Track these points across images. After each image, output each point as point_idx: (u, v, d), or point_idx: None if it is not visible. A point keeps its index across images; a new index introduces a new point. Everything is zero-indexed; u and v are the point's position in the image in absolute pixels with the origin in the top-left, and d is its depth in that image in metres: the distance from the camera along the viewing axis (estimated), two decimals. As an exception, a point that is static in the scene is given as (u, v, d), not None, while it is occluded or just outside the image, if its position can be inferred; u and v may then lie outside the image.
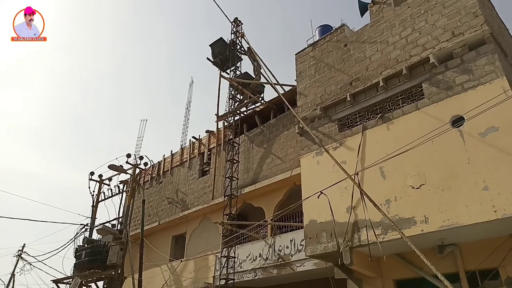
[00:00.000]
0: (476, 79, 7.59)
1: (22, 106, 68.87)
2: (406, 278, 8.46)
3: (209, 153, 17.43)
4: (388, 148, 8.09)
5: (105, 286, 14.44)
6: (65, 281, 15.78)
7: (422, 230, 7.24)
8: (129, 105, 76.39)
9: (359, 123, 9.47)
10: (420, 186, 7.59)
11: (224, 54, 17.33)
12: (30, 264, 20.70)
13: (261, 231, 13.64)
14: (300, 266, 11.27)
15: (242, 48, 17.66)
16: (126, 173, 15.68)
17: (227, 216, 13.82)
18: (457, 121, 7.50)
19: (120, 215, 15.92)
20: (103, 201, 17.72)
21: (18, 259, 22.75)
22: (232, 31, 17.80)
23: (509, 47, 9.26)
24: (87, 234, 16.39)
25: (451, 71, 8.07)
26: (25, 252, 22.80)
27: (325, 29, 13.07)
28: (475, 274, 7.56)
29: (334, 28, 11.65)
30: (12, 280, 23.10)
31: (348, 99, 9.68)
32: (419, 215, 7.38)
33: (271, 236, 12.74)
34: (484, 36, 7.71)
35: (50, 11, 62.79)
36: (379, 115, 8.98)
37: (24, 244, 23.29)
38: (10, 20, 12.06)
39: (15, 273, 23.04)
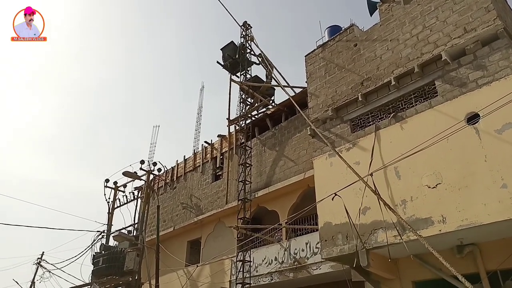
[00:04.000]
0: (490, 75, 7.46)
1: (38, 114, 70.21)
2: (425, 279, 8.33)
3: (221, 157, 17.47)
4: (402, 148, 7.98)
5: (122, 292, 14.57)
6: (83, 288, 15.97)
7: (440, 230, 7.12)
8: (141, 111, 77.20)
9: (371, 123, 9.39)
10: (436, 185, 7.47)
11: (234, 57, 17.40)
12: (49, 272, 20.99)
13: (276, 234, 13.58)
14: (317, 269, 11.18)
15: (252, 52, 17.72)
16: (140, 179, 15.83)
17: (242, 220, 13.82)
18: (472, 118, 7.37)
19: (136, 221, 16.07)
20: (119, 208, 17.92)
21: (38, 267, 23.10)
22: (242, 35, 17.87)
23: (524, 41, 9.07)
24: (103, 241, 16.57)
25: (464, 68, 7.94)
26: (44, 260, 23.13)
27: (334, 30, 13.01)
28: (496, 274, 7.39)
29: (343, 29, 11.59)
30: (32, 288, 23.47)
31: (360, 99, 9.61)
32: (437, 215, 7.26)
33: (286, 239, 12.68)
34: (497, 31, 7.58)
35: (59, 19, 64.03)
36: (392, 115, 8.88)
37: (43, 252, 23.66)
38: (10, 20, 12.13)
39: (35, 280, 23.42)
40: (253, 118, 16.42)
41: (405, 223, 6.84)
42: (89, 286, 15.21)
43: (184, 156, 19.91)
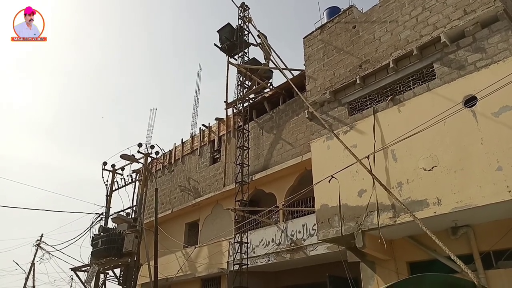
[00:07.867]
0: (489, 58, 7.41)
1: (32, 100, 69.67)
2: (419, 260, 8.45)
3: (219, 140, 17.49)
4: (400, 131, 7.99)
5: (121, 273, 14.78)
6: (83, 269, 16.16)
7: (435, 212, 7.19)
8: (138, 95, 76.75)
9: (369, 106, 9.36)
10: (432, 168, 7.51)
11: (232, 40, 17.19)
12: (49, 253, 21.25)
13: (273, 216, 13.71)
14: (313, 250, 11.35)
15: (250, 33, 17.51)
16: (138, 162, 15.87)
17: (239, 203, 13.93)
18: (470, 101, 7.35)
19: (134, 203, 16.17)
20: (117, 191, 18.00)
21: (37, 248, 23.36)
22: (239, 16, 17.62)
23: (524, 23, 8.98)
24: (102, 223, 16.70)
25: (463, 50, 7.88)
26: (43, 242, 23.39)
27: (333, 11, 12.87)
28: (489, 254, 7.52)
29: (342, 10, 11.45)
30: (32, 269, 23.79)
31: (358, 82, 9.56)
32: (432, 197, 7.32)
33: (283, 221, 12.82)
34: (497, 12, 7.48)
35: (54, 4, 62.94)
36: (389, 98, 8.86)
37: (42, 234, 23.88)
38: (10, 20, 12.14)
39: (35, 262, 23.70)
40: (251, 101, 16.35)
41: (400, 205, 6.90)
42: (88, 267, 15.40)
43: (182, 139, 19.92)
